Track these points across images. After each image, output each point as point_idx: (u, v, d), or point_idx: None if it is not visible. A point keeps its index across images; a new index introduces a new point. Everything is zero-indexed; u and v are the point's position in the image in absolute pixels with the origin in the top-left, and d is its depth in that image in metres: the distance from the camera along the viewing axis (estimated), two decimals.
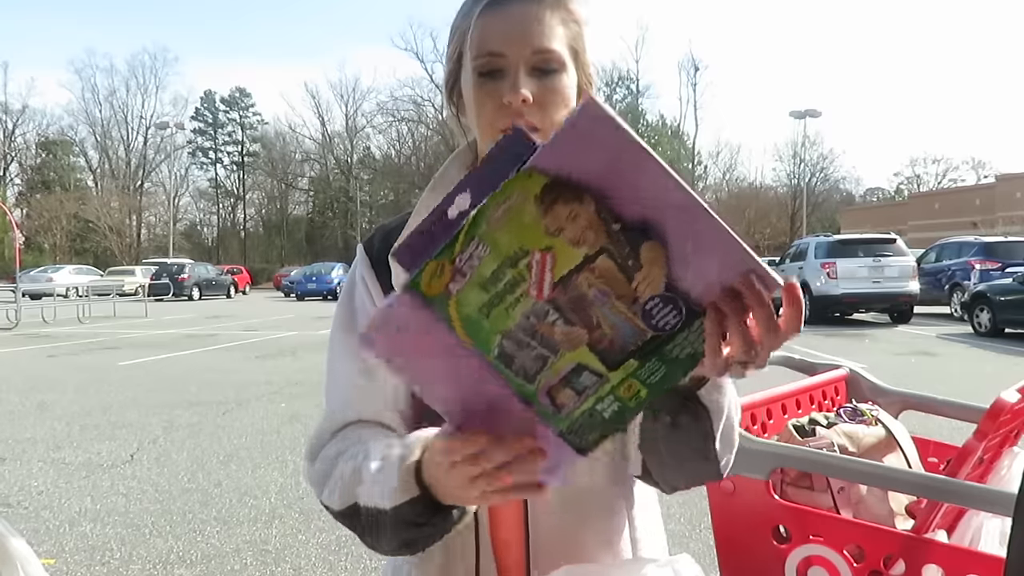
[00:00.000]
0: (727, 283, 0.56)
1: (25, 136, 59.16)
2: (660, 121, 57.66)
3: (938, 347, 11.64)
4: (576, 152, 0.52)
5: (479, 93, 0.86)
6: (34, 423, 6.53)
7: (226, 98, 63.03)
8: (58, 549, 3.68)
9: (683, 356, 0.58)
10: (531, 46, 0.84)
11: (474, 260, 0.54)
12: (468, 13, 0.88)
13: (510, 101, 0.84)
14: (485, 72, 0.85)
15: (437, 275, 0.55)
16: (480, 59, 0.85)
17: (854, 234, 20.27)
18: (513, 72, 0.84)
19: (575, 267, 0.55)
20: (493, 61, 0.85)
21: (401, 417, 0.91)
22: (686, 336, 0.58)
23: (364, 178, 59.12)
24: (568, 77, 0.87)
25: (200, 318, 19.88)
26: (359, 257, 0.98)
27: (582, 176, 0.52)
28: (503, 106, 0.84)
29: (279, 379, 8.83)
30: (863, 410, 1.72)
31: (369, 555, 3.55)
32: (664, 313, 0.57)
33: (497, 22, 0.85)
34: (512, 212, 0.53)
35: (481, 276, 0.55)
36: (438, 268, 0.55)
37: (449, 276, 0.55)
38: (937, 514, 1.41)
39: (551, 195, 0.53)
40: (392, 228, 0.98)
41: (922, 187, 60.63)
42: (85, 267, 37.07)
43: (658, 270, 0.55)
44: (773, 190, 57.95)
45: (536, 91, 0.84)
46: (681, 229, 0.54)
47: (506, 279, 0.55)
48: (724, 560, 1.65)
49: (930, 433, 1.93)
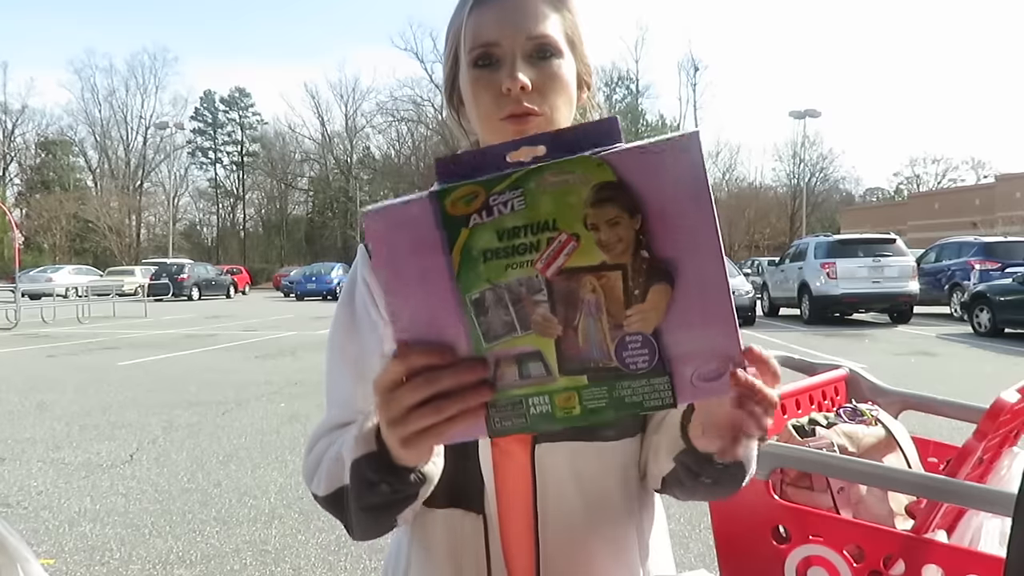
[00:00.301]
0: (706, 361, 0.56)
1: (25, 136, 59.29)
2: (660, 121, 57.69)
3: (938, 347, 11.64)
4: (654, 170, 0.53)
5: (476, 84, 0.85)
6: (33, 423, 6.53)
7: (226, 98, 63.10)
8: (57, 549, 3.68)
9: (628, 401, 0.58)
10: (525, 32, 0.83)
11: (506, 207, 0.54)
12: (458, 13, 0.88)
13: (508, 88, 0.83)
14: (481, 63, 0.84)
15: (466, 200, 0.55)
16: (475, 50, 0.84)
17: (854, 234, 20.27)
18: (509, 60, 0.83)
19: (588, 266, 0.55)
20: (488, 51, 0.84)
21: None
22: (641, 385, 0.57)
23: (364, 178, 59.14)
24: (566, 63, 0.86)
25: (200, 318, 19.88)
26: (360, 257, 0.96)
27: (645, 193, 0.53)
28: (501, 95, 0.83)
29: (279, 379, 8.83)
30: (863, 410, 1.72)
31: (369, 555, 3.55)
32: (637, 353, 0.56)
33: (489, 13, 0.84)
34: (565, 186, 0.53)
35: (502, 224, 0.55)
36: (472, 193, 0.55)
37: (476, 207, 0.55)
38: (937, 514, 1.40)
39: (607, 193, 0.53)
40: None
41: (922, 187, 60.68)
42: (84, 267, 37.08)
43: (656, 314, 0.55)
44: (773, 190, 58.03)
45: (535, 77, 0.83)
46: (697, 292, 0.55)
47: (523, 240, 0.55)
48: (724, 560, 1.65)
49: (930, 433, 1.92)
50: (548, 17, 0.85)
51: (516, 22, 0.84)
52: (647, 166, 0.53)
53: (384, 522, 0.79)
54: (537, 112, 0.84)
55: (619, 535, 0.91)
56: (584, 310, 0.56)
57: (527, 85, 0.83)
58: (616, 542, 0.90)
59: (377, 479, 0.71)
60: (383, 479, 0.71)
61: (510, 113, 0.84)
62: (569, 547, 0.88)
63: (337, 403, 0.91)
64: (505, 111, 0.84)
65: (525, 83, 0.82)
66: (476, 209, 0.55)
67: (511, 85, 0.82)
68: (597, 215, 0.54)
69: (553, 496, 0.87)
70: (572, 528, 0.88)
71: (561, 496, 0.88)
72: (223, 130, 62.89)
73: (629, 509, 0.92)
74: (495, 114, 0.84)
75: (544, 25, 0.84)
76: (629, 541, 0.92)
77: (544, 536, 0.88)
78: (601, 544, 0.89)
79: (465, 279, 0.56)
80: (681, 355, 0.56)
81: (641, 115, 55.56)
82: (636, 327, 0.56)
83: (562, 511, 0.88)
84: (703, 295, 0.55)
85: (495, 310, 0.56)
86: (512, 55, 0.83)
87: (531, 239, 0.55)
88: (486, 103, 0.85)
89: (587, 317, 0.56)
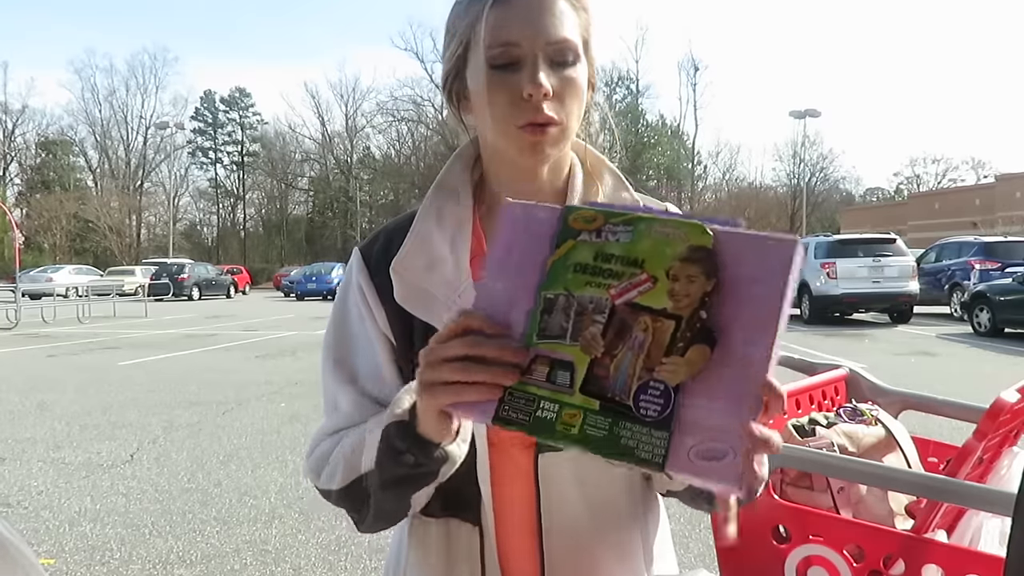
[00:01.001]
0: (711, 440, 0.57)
1: (25, 136, 59.23)
2: (660, 121, 57.65)
3: (938, 347, 11.64)
4: (747, 250, 0.58)
5: (492, 86, 0.82)
6: (34, 423, 6.53)
7: (226, 98, 63.03)
8: (58, 549, 3.68)
9: (623, 442, 0.59)
10: (547, 35, 0.81)
11: (613, 236, 0.61)
12: (471, 6, 0.84)
13: (531, 94, 0.80)
14: (499, 64, 0.81)
15: (586, 220, 0.62)
16: (493, 50, 0.81)
17: (854, 234, 20.27)
18: (530, 63, 0.81)
19: (651, 308, 0.59)
20: (508, 52, 0.81)
21: None
22: (642, 432, 0.59)
23: (364, 178, 59.09)
24: (581, 67, 0.84)
25: (200, 318, 19.88)
26: (356, 262, 0.93)
27: (729, 264, 0.58)
28: (520, 100, 0.81)
29: (279, 379, 8.83)
30: (863, 410, 1.72)
31: (369, 555, 3.55)
32: (654, 400, 0.59)
33: (510, 12, 0.81)
34: (668, 238, 0.60)
35: (603, 248, 0.61)
36: (593, 217, 0.62)
37: (591, 228, 0.62)
38: (937, 514, 1.41)
39: (699, 255, 0.58)
40: (394, 234, 0.92)
41: (922, 187, 60.65)
42: (85, 267, 37.07)
43: (687, 369, 0.58)
44: (773, 190, 57.96)
45: (555, 83, 0.81)
46: (733, 368, 0.57)
47: (611, 267, 0.61)
48: (724, 560, 1.65)
49: (930, 433, 1.93)
50: (569, 19, 0.83)
51: (539, 23, 0.81)
52: (743, 245, 0.58)
53: (403, 501, 0.81)
54: (556, 121, 0.82)
55: (624, 540, 0.90)
56: (628, 343, 0.60)
57: (550, 92, 0.81)
58: (621, 547, 0.90)
59: (404, 447, 0.74)
60: (409, 448, 0.74)
61: (530, 122, 0.82)
62: (574, 555, 0.87)
63: (333, 412, 0.90)
64: (523, 119, 0.82)
65: (548, 90, 0.80)
66: (589, 229, 0.62)
67: (533, 91, 0.80)
68: (680, 268, 0.58)
69: (556, 504, 0.87)
70: (577, 535, 0.87)
71: (565, 503, 0.87)
72: (223, 130, 62.86)
73: (634, 514, 0.91)
74: (512, 120, 0.82)
75: (566, 28, 0.82)
76: (634, 546, 0.91)
77: (549, 544, 0.87)
78: (606, 550, 0.88)
79: (550, 280, 0.63)
80: (690, 421, 0.57)
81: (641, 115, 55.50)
82: (664, 375, 0.58)
83: (566, 519, 0.87)
84: (737, 373, 0.57)
85: (558, 314, 0.62)
86: (533, 58, 0.81)
87: (618, 268, 0.61)
88: (502, 107, 0.82)
89: (628, 351, 0.60)
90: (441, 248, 0.89)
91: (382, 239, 0.93)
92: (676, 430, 0.58)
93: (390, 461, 0.76)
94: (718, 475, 0.56)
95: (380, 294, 0.89)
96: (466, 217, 0.91)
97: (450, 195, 0.92)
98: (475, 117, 0.89)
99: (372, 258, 0.92)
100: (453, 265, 0.88)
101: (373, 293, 0.90)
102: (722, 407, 0.57)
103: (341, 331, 0.92)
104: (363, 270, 0.92)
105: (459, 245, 0.89)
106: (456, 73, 0.88)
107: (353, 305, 0.92)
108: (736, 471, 0.56)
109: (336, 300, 0.95)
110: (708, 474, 0.57)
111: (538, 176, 0.90)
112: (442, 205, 0.91)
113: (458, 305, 0.82)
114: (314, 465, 0.88)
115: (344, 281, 0.95)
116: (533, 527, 0.87)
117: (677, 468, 0.58)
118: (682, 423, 0.58)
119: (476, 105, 0.86)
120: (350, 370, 0.90)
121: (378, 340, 0.90)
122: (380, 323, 0.89)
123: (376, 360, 0.89)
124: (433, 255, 0.88)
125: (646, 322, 0.59)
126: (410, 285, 0.87)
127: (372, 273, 0.91)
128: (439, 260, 0.88)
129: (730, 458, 0.56)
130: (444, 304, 0.86)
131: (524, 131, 0.82)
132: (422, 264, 0.88)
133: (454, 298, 0.86)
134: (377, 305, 0.89)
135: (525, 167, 0.88)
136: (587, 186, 0.93)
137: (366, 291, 0.90)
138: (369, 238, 0.95)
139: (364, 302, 0.90)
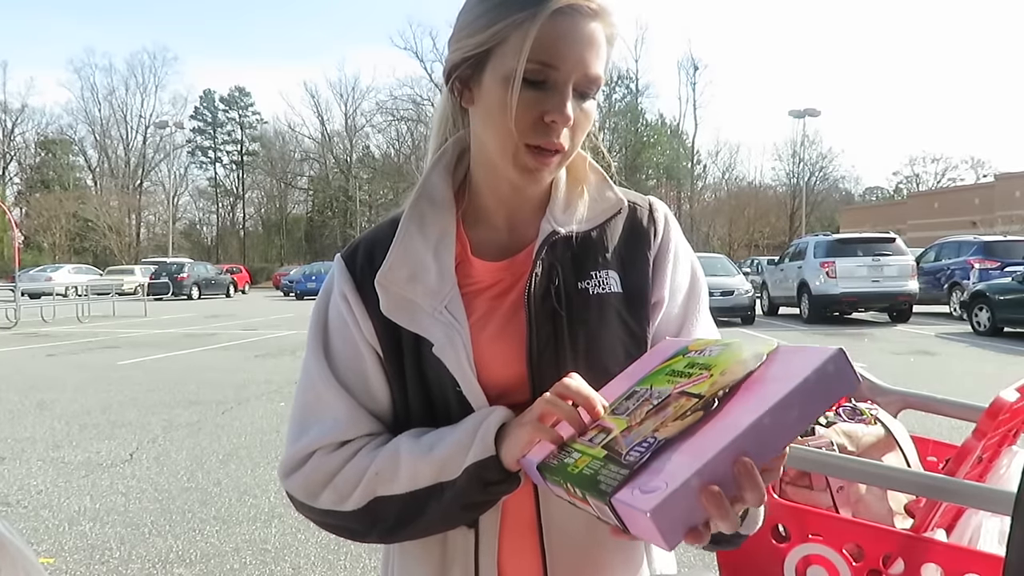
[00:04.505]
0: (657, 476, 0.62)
1: (24, 135, 59.33)
2: (660, 120, 57.70)
3: (937, 346, 11.64)
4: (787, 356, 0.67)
5: (520, 99, 0.80)
6: (33, 422, 6.53)
7: (225, 97, 63.11)
8: (57, 548, 3.68)
9: (598, 478, 0.65)
10: (584, 68, 0.80)
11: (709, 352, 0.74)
12: (519, 8, 0.80)
13: (555, 120, 0.80)
14: (528, 79, 0.80)
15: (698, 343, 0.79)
16: (532, 64, 0.79)
17: (853, 233, 20.25)
18: (561, 89, 0.80)
19: (692, 393, 0.68)
20: (544, 71, 0.79)
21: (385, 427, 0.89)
22: (615, 470, 0.65)
23: (363, 177, 59.11)
24: (597, 98, 0.86)
25: (199, 317, 19.88)
26: (339, 271, 0.91)
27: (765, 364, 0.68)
28: (542, 122, 0.81)
29: (279, 378, 8.83)
30: (862, 409, 1.72)
31: (368, 555, 3.55)
32: (639, 449, 0.65)
33: (558, 31, 0.79)
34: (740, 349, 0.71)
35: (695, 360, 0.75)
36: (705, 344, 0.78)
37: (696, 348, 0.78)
38: (936, 513, 1.41)
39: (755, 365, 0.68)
40: (375, 245, 0.91)
41: (921, 186, 60.68)
42: (84, 266, 37.08)
43: (677, 427, 0.65)
44: (772, 189, 58.04)
45: (576, 115, 0.82)
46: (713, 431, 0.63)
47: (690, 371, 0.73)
48: (723, 559, 1.65)
49: (929, 432, 1.93)
50: (603, 53, 0.83)
51: (582, 54, 0.80)
52: (791, 353, 0.67)
53: (466, 521, 0.85)
54: (563, 150, 0.83)
55: (626, 543, 0.89)
56: (659, 416, 0.68)
57: (572, 123, 0.82)
58: (624, 550, 0.90)
59: (497, 478, 0.79)
60: (502, 479, 0.79)
61: (541, 145, 0.82)
62: (575, 553, 0.87)
63: (316, 423, 0.88)
64: (536, 139, 0.81)
65: (571, 121, 0.81)
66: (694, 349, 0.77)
67: (559, 119, 0.80)
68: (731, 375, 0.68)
69: (556, 502, 0.86)
70: (577, 534, 0.87)
71: (565, 507, 0.87)
72: (223, 129, 62.92)
73: None
74: (528, 137, 0.81)
75: (600, 63, 0.82)
76: (636, 548, 0.91)
77: (549, 542, 0.87)
78: (609, 554, 0.88)
79: (644, 379, 0.77)
80: (654, 466, 0.63)
81: (641, 114, 55.51)
82: (660, 432, 0.66)
83: (567, 523, 0.87)
84: (716, 433, 0.62)
85: (632, 400, 0.74)
86: (565, 85, 0.80)
87: (693, 372, 0.72)
88: (523, 123, 0.81)
89: (651, 419, 0.68)
90: (424, 256, 0.88)
91: (363, 249, 0.92)
92: (640, 471, 0.63)
93: (479, 492, 0.80)
94: (642, 503, 0.59)
95: (367, 306, 0.88)
96: (449, 223, 0.91)
97: (432, 201, 0.92)
98: (476, 117, 0.87)
99: (356, 268, 0.90)
100: (437, 273, 0.87)
101: (360, 303, 0.89)
102: (684, 457, 0.62)
103: (327, 339, 0.90)
104: (348, 280, 0.90)
105: (442, 253, 0.89)
106: (473, 64, 0.84)
107: (337, 314, 0.90)
108: (655, 501, 0.59)
109: (317, 306, 0.93)
110: (635, 503, 0.60)
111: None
112: (424, 211, 0.91)
113: (445, 314, 0.86)
114: (306, 484, 0.86)
115: (325, 286, 0.93)
116: (534, 533, 0.87)
117: (617, 500, 0.62)
118: (649, 467, 0.63)
119: (486, 107, 0.84)
120: (342, 379, 0.88)
121: (365, 350, 0.89)
122: (367, 334, 0.88)
123: (363, 370, 0.88)
124: (416, 264, 0.88)
125: (677, 399, 0.69)
126: (395, 296, 0.87)
127: (358, 284, 0.89)
128: (423, 269, 0.87)
129: (660, 491, 0.59)
130: (428, 313, 0.85)
131: (531, 152, 0.82)
132: (405, 275, 0.87)
133: (439, 307, 0.86)
134: (364, 316, 0.88)
135: (516, 184, 0.88)
136: (571, 188, 0.93)
137: (351, 301, 0.89)
138: (350, 247, 0.94)
139: (350, 311, 0.89)
